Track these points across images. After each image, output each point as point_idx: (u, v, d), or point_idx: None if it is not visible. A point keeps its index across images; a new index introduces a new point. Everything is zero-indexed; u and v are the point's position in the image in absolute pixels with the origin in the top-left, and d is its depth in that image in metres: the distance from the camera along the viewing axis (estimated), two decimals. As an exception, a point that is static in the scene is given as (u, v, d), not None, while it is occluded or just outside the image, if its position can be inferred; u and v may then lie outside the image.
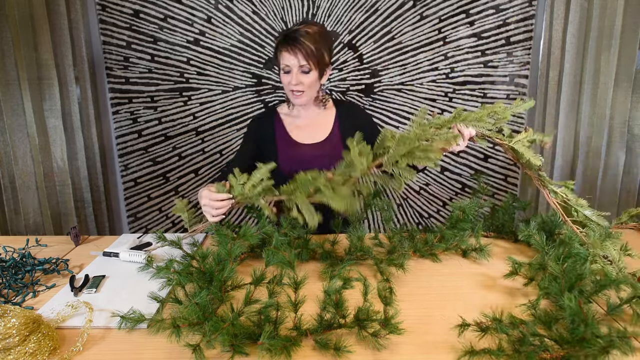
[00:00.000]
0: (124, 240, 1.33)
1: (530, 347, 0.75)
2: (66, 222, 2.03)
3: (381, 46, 2.12)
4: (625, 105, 1.90)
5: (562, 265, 0.97)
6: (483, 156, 2.24)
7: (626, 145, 1.94)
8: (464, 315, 0.86)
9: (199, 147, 2.23)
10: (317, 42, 1.27)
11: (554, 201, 1.20)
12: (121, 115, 2.17)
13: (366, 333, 0.81)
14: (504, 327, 0.81)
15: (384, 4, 2.07)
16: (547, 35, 2.03)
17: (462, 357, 0.76)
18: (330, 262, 1.13)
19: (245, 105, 2.18)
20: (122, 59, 2.11)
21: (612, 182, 1.99)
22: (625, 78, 1.89)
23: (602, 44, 1.90)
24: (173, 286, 0.98)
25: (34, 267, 1.13)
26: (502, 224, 1.36)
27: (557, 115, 2.06)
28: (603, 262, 1.03)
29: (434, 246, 1.20)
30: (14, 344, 0.76)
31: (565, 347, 0.75)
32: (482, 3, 2.05)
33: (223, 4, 2.06)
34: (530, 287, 1.02)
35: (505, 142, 1.18)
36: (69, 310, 0.94)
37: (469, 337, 0.81)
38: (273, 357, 0.76)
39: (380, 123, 2.21)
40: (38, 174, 1.93)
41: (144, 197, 2.28)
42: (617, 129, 1.95)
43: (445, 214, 2.32)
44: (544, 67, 2.07)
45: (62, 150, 1.97)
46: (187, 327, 0.78)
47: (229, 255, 1.00)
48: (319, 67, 1.30)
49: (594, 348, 0.72)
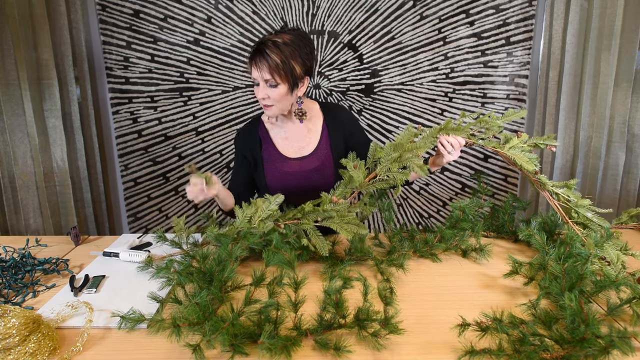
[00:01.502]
0: (124, 240, 1.33)
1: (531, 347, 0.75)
2: (66, 222, 2.03)
3: (381, 46, 2.12)
4: (625, 105, 1.90)
5: (562, 265, 0.97)
6: (483, 156, 2.24)
7: (626, 145, 1.94)
8: (464, 315, 0.86)
9: (199, 147, 2.23)
10: (283, 54, 1.19)
11: (555, 203, 1.20)
12: (121, 115, 2.18)
13: (366, 333, 0.81)
14: (504, 327, 0.81)
15: (384, 4, 2.07)
16: (547, 35, 2.03)
17: (463, 357, 0.76)
18: (331, 262, 1.13)
19: (245, 105, 2.18)
20: (122, 59, 2.11)
21: (612, 182, 1.99)
22: (625, 78, 1.89)
23: (602, 44, 1.90)
24: (173, 286, 0.98)
25: (34, 267, 1.13)
26: (502, 224, 1.36)
27: (557, 115, 2.06)
28: (601, 264, 1.03)
29: (434, 246, 1.20)
30: (14, 344, 0.76)
31: (566, 347, 0.76)
32: (482, 3, 2.05)
33: (223, 4, 2.06)
34: (530, 286, 1.02)
35: (498, 149, 1.19)
36: (69, 310, 0.94)
37: (469, 337, 0.81)
38: (273, 357, 0.76)
39: (380, 123, 2.21)
40: (38, 174, 1.93)
41: (144, 197, 2.28)
42: (617, 129, 1.95)
43: (445, 214, 2.32)
44: (544, 67, 2.07)
45: (62, 150, 1.97)
46: (187, 327, 0.78)
47: (229, 256, 1.00)
48: (287, 80, 1.22)
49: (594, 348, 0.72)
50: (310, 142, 1.39)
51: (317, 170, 1.37)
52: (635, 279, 0.99)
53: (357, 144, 1.40)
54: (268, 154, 1.38)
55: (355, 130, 1.43)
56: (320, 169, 1.37)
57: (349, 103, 2.18)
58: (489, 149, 1.21)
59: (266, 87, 1.23)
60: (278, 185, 1.36)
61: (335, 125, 1.40)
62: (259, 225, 1.11)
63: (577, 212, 1.17)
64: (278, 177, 1.37)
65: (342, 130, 1.41)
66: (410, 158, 1.12)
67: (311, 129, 1.40)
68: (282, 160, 1.37)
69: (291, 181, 1.36)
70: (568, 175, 2.12)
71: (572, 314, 0.80)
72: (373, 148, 1.22)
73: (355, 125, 1.44)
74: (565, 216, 1.20)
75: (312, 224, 1.11)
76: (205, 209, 2.31)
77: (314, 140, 1.39)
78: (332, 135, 1.39)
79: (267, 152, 1.38)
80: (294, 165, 1.37)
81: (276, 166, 1.37)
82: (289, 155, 1.38)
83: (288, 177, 1.36)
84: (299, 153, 1.38)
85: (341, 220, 1.10)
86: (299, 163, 1.37)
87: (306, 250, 1.15)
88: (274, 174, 1.37)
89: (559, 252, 1.03)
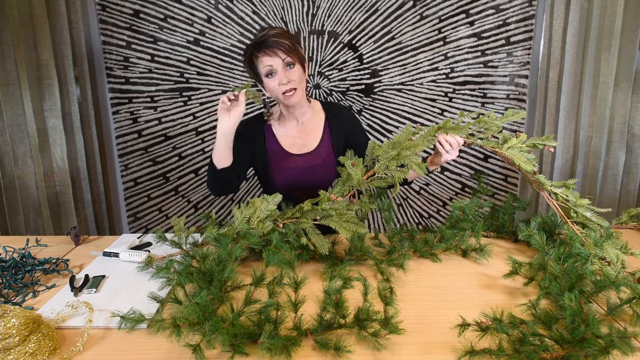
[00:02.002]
0: (124, 240, 1.33)
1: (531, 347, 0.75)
2: (66, 222, 2.03)
3: (381, 46, 2.12)
4: (625, 105, 1.90)
5: (562, 265, 0.97)
6: (483, 156, 2.24)
7: (626, 145, 1.94)
8: (464, 315, 0.86)
9: (199, 147, 2.23)
10: (289, 38, 1.26)
11: (554, 203, 1.20)
12: (121, 115, 2.18)
13: (366, 333, 0.81)
14: (504, 327, 0.81)
15: (384, 4, 2.07)
16: (547, 35, 2.03)
17: (463, 357, 0.76)
18: (330, 262, 1.13)
19: (245, 105, 2.18)
20: (122, 59, 2.11)
21: (612, 182, 1.99)
22: (625, 78, 1.89)
23: (602, 44, 1.90)
24: (173, 286, 0.98)
25: (34, 267, 1.13)
26: (502, 224, 1.36)
27: (557, 115, 2.06)
28: (601, 264, 1.03)
29: (434, 246, 1.20)
30: (14, 344, 0.76)
31: (566, 347, 0.76)
32: (482, 3, 2.05)
33: (223, 4, 2.06)
34: (530, 287, 1.02)
35: (496, 149, 1.19)
36: (69, 310, 0.93)
37: (469, 337, 0.81)
38: (273, 357, 0.76)
39: (380, 123, 2.21)
40: (38, 174, 1.93)
41: (144, 197, 2.28)
42: (617, 129, 1.95)
43: (445, 214, 2.32)
44: (544, 67, 2.07)
45: (62, 150, 1.98)
46: (187, 327, 0.78)
47: (229, 256, 1.00)
48: (299, 59, 1.28)
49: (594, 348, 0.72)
50: (312, 140, 1.41)
51: (319, 166, 1.39)
52: (635, 278, 0.99)
53: (357, 144, 1.40)
54: (273, 150, 1.40)
55: (356, 131, 1.44)
56: (322, 165, 1.40)
57: (349, 103, 2.18)
58: (487, 149, 1.21)
59: (285, 70, 1.26)
60: (283, 180, 1.38)
61: (336, 125, 1.42)
62: (257, 226, 1.11)
63: (575, 211, 1.17)
64: (283, 172, 1.39)
65: (343, 130, 1.43)
66: (408, 156, 1.12)
67: (312, 128, 1.41)
68: (286, 156, 1.40)
69: (295, 176, 1.39)
70: (568, 175, 2.12)
71: (572, 314, 0.80)
72: (371, 146, 1.22)
73: (356, 126, 1.46)
74: (564, 216, 1.20)
75: (311, 222, 1.11)
76: (205, 209, 2.31)
77: (316, 138, 1.41)
78: (334, 134, 1.41)
79: (271, 148, 1.40)
80: (297, 161, 1.39)
81: (280, 162, 1.39)
82: (292, 152, 1.40)
83: (292, 172, 1.39)
84: (301, 150, 1.40)
85: (340, 219, 1.10)
86: (302, 159, 1.39)
87: (306, 249, 1.15)
88: (279, 169, 1.39)
89: (558, 252, 1.03)
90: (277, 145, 1.41)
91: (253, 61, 1.29)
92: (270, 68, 1.26)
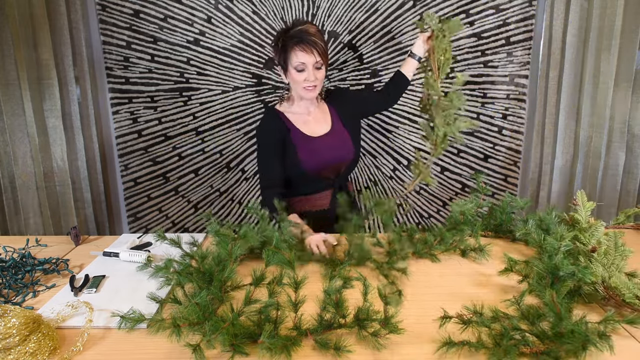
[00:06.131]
0: (124, 240, 1.33)
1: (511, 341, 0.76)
2: (66, 222, 2.04)
3: (381, 46, 2.12)
4: (625, 105, 1.90)
5: (549, 262, 0.97)
6: (483, 156, 2.24)
7: (626, 145, 1.94)
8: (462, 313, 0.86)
9: (199, 147, 2.23)
10: (323, 40, 1.40)
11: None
12: (121, 115, 2.17)
13: (366, 333, 0.81)
14: (485, 320, 0.81)
15: (384, 4, 2.07)
16: (547, 35, 2.03)
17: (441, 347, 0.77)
18: (331, 262, 1.14)
19: (245, 105, 2.18)
20: (122, 59, 2.11)
21: (612, 182, 1.99)
22: (625, 78, 1.89)
23: (602, 44, 1.90)
24: (173, 286, 0.98)
25: (34, 267, 1.13)
26: (500, 224, 1.36)
27: (557, 115, 2.06)
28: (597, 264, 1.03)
29: (433, 247, 1.20)
30: (14, 343, 0.76)
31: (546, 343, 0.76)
32: (482, 3, 2.05)
33: (223, 4, 2.06)
34: (524, 284, 1.03)
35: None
36: (69, 310, 0.94)
37: (467, 335, 0.81)
38: (273, 357, 0.76)
39: (380, 123, 2.21)
40: (38, 174, 1.93)
41: (144, 197, 2.28)
42: (617, 129, 1.95)
43: (445, 214, 2.32)
44: (544, 67, 2.07)
45: (62, 150, 1.98)
46: (187, 327, 0.78)
47: (229, 256, 1.00)
48: (326, 62, 1.43)
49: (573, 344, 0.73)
50: (325, 122, 1.56)
51: (338, 144, 1.54)
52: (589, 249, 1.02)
53: (366, 99, 1.68)
54: (297, 138, 1.50)
55: (357, 96, 1.69)
56: (340, 142, 1.55)
57: (349, 103, 2.18)
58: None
59: (313, 69, 1.39)
60: (313, 162, 1.50)
61: (340, 104, 1.59)
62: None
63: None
64: (311, 155, 1.49)
65: (348, 105, 1.60)
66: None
67: (321, 113, 1.57)
68: (309, 141, 1.51)
69: (321, 156, 1.51)
70: (568, 175, 2.12)
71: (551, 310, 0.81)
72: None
73: (355, 94, 1.73)
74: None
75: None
76: (205, 209, 2.31)
77: (328, 120, 1.57)
78: (341, 113, 1.57)
79: (295, 136, 1.50)
80: (319, 142, 1.52)
81: (306, 146, 1.49)
82: (313, 135, 1.52)
83: (318, 153, 1.51)
84: (319, 132, 1.53)
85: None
86: (322, 139, 1.52)
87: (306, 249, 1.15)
88: (306, 153, 1.49)
89: (549, 250, 1.03)
90: (299, 132, 1.51)
91: (286, 48, 1.39)
92: (303, 65, 1.38)
